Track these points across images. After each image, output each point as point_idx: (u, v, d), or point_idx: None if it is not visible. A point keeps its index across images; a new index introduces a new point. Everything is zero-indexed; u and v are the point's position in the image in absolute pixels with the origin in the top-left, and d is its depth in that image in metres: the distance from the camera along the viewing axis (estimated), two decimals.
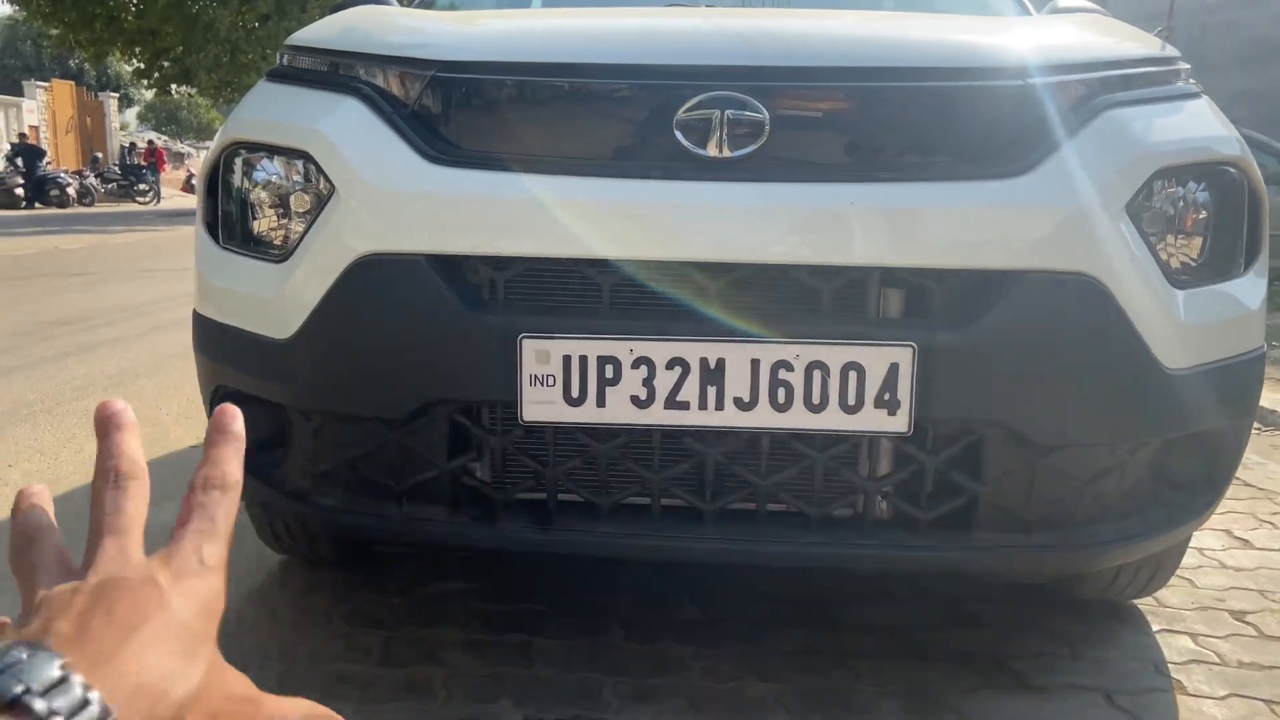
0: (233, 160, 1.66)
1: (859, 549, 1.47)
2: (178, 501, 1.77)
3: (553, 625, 1.91)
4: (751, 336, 1.38)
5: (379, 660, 1.78)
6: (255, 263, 1.61)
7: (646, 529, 1.50)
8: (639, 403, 1.41)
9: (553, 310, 1.46)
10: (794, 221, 1.40)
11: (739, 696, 1.67)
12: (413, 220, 1.46)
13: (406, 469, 1.54)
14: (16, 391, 3.92)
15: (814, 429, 1.39)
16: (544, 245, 1.43)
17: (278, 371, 1.56)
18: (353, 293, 1.48)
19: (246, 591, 2.07)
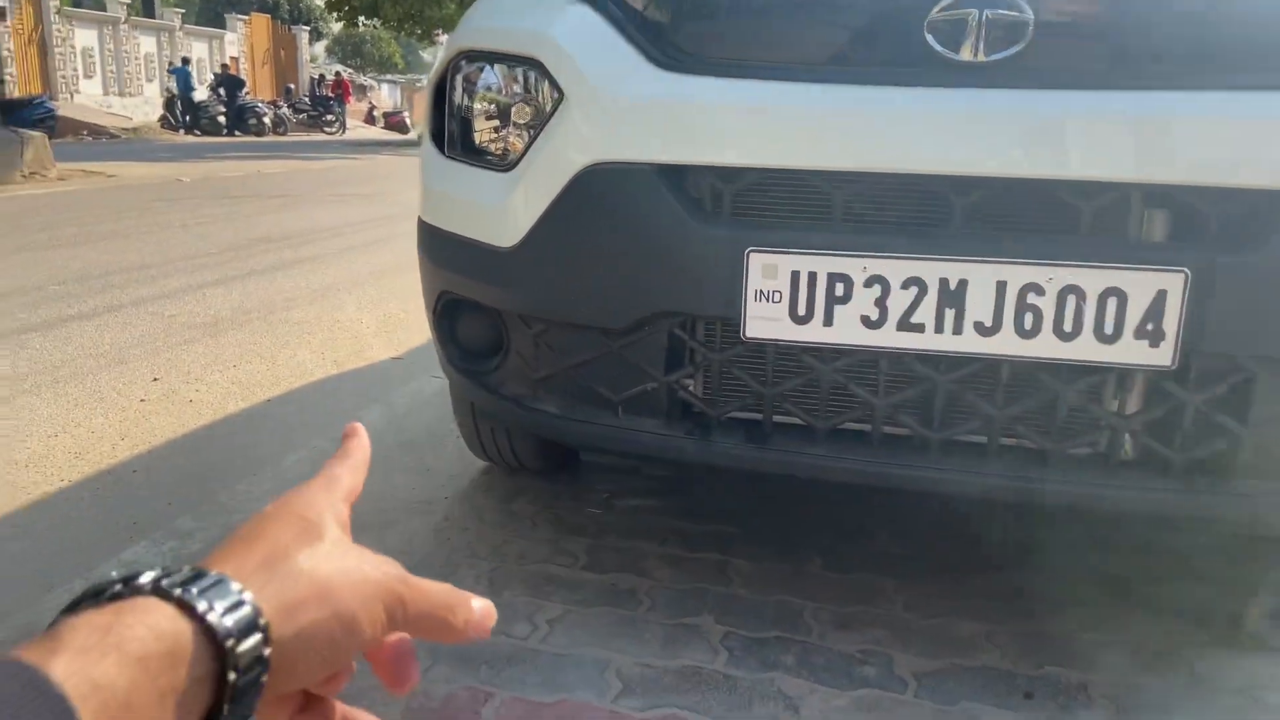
0: (460, 69, 1.69)
1: (1102, 489, 1.37)
2: (381, 406, 1.87)
3: (747, 548, 1.91)
4: (999, 257, 1.30)
5: (584, 565, 1.82)
6: (481, 172, 1.64)
7: (865, 455, 1.46)
8: (869, 323, 1.36)
9: (782, 224, 1.42)
10: (1053, 133, 1.29)
11: (947, 632, 1.62)
12: (642, 129, 1.44)
13: (624, 380, 1.54)
14: (234, 300, 4.21)
15: (1063, 359, 1.30)
16: (778, 156, 1.38)
17: (501, 279, 1.59)
18: (578, 202, 1.48)
19: (453, 494, 2.16)
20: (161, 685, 0.31)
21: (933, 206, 1.35)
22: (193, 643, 0.32)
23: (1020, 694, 1.46)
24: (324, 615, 0.36)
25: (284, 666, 0.35)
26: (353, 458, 0.46)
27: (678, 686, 1.45)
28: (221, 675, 0.33)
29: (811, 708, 1.41)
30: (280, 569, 0.36)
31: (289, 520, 0.39)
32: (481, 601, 0.42)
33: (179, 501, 2.10)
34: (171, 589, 0.33)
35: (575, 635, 1.58)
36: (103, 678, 0.29)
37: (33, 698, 0.27)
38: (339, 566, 0.38)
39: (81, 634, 0.30)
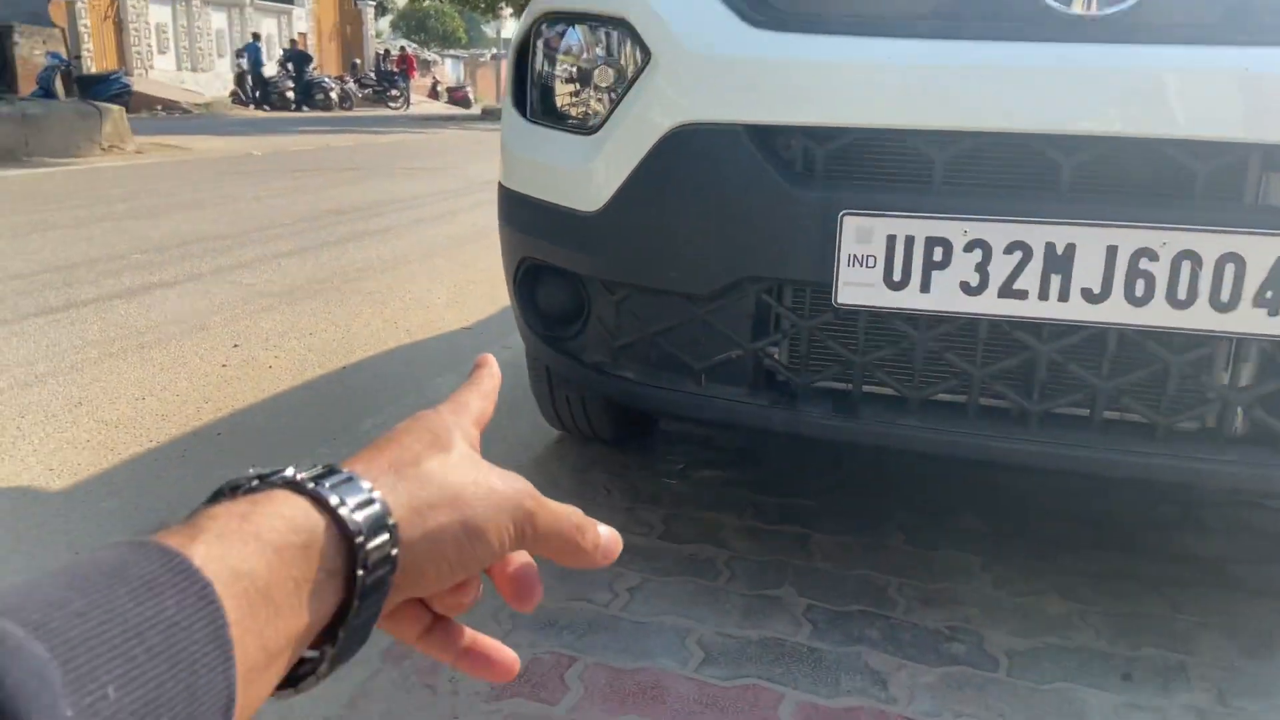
0: (543, 32, 1.66)
1: (1210, 465, 1.31)
2: (451, 375, 1.89)
3: (827, 522, 1.88)
4: (1110, 220, 1.24)
5: (661, 535, 1.81)
6: (565, 135, 1.62)
7: (961, 427, 1.41)
8: (969, 289, 1.31)
9: (878, 186, 1.37)
10: (1169, 90, 1.23)
11: (1038, 611, 1.58)
12: (733, 88, 1.40)
13: (708, 347, 1.52)
14: (308, 270, 4.28)
15: (1176, 327, 1.24)
16: (876, 115, 1.33)
17: (585, 244, 1.57)
18: (666, 164, 1.45)
19: (528, 461, 2.17)
20: (296, 575, 0.31)
21: (1039, 167, 1.30)
22: (324, 536, 0.32)
23: (1118, 675, 1.41)
24: (452, 521, 0.36)
25: (411, 569, 0.35)
26: (483, 385, 0.45)
27: (760, 657, 1.43)
28: (351, 572, 0.33)
29: (899, 683, 1.38)
30: (409, 473, 0.36)
31: (419, 432, 0.39)
32: (609, 529, 0.42)
33: (262, 463, 2.13)
34: (305, 483, 0.33)
35: (655, 604, 1.57)
36: (241, 564, 0.29)
37: (175, 580, 0.27)
38: (469, 477, 0.38)
39: (220, 521, 0.30)
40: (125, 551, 0.28)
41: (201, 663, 0.26)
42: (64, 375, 2.74)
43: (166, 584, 0.27)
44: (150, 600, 0.26)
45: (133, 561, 0.27)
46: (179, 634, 0.26)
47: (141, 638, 0.25)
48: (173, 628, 0.26)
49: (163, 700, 0.25)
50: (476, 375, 0.46)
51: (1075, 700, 1.35)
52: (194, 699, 0.26)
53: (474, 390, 0.45)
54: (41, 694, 0.22)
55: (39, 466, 2.12)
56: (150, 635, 0.25)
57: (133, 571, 0.27)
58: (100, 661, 0.24)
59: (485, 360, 0.47)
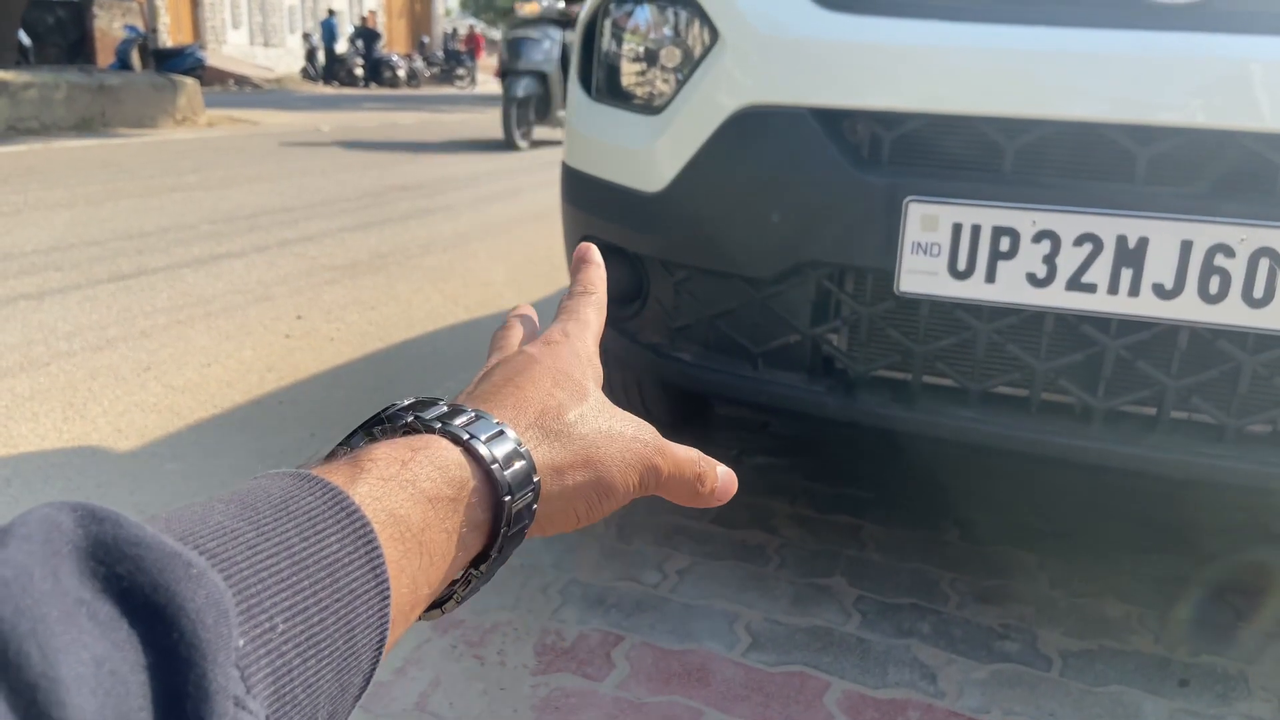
0: (610, 11, 1.66)
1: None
2: None
3: (880, 513, 1.86)
4: (1185, 214, 1.20)
5: (712, 519, 1.81)
6: (629, 115, 1.62)
7: (1022, 422, 1.39)
8: (1036, 281, 1.28)
9: (945, 173, 1.34)
10: (1254, 81, 1.18)
11: (1094, 613, 1.54)
12: (800, 70, 1.38)
13: (766, 331, 1.51)
14: (371, 245, 4.34)
15: (1251, 327, 1.20)
16: (946, 100, 1.31)
17: (647, 224, 1.56)
18: (731, 146, 1.44)
19: None
20: (447, 526, 0.32)
21: (1114, 158, 1.26)
22: (476, 491, 0.33)
23: (1175, 681, 1.38)
24: (587, 479, 0.37)
25: (542, 521, 0.36)
26: (596, 293, 0.46)
27: (808, 645, 1.43)
28: (496, 526, 0.34)
29: (949, 678, 1.36)
30: (553, 429, 0.37)
31: (557, 375, 0.39)
32: (726, 470, 0.43)
33: (322, 433, 2.18)
34: (460, 433, 0.34)
35: (704, 587, 1.57)
36: (399, 509, 0.30)
37: (339, 517, 0.28)
38: (604, 431, 0.38)
39: (381, 465, 0.31)
40: (291, 484, 0.28)
41: (361, 600, 0.27)
42: (134, 340, 2.82)
43: (330, 521, 0.28)
44: (315, 536, 0.27)
45: (299, 495, 0.28)
46: (341, 571, 0.27)
47: (307, 572, 0.26)
48: (335, 564, 0.27)
49: (324, 634, 0.26)
50: (583, 278, 0.46)
51: (1129, 704, 1.32)
52: (351, 634, 0.27)
53: (589, 302, 0.45)
54: (220, 624, 0.23)
55: (108, 428, 2.19)
56: (315, 570, 0.26)
57: (300, 505, 0.27)
58: (270, 594, 0.25)
59: (588, 254, 0.47)
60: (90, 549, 0.22)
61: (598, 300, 0.45)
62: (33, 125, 8.72)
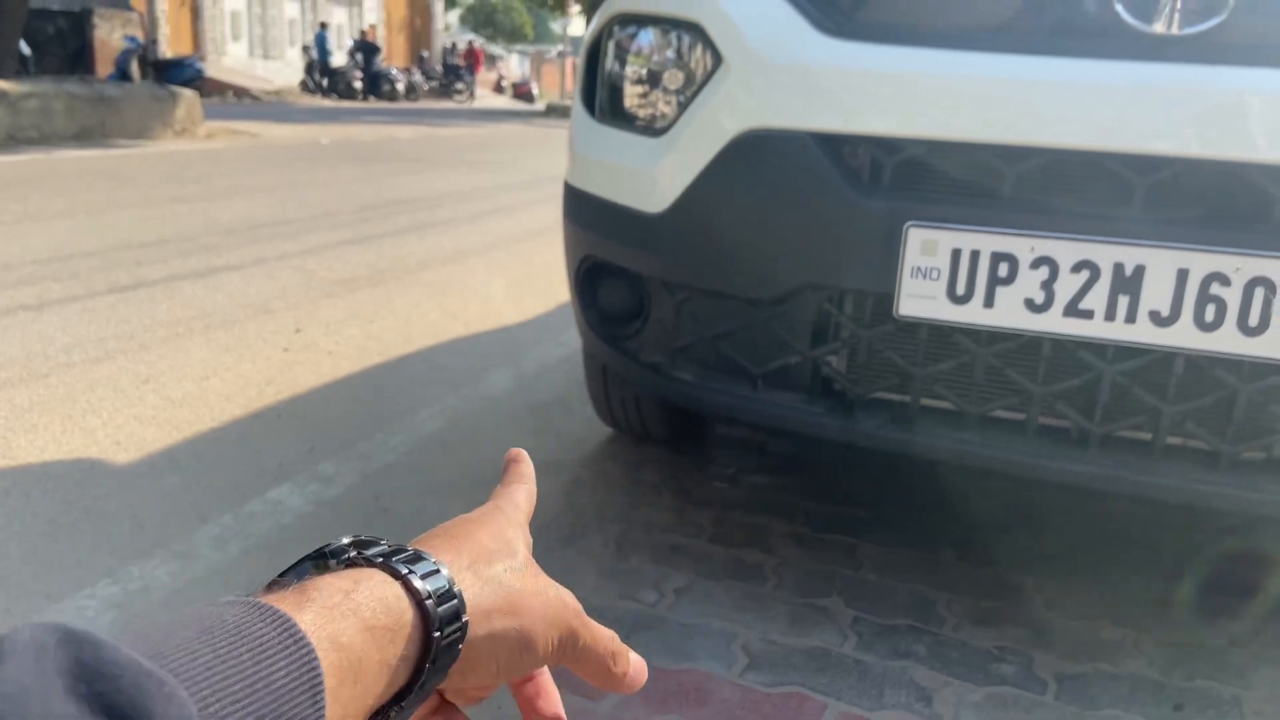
0: (615, 33, 1.68)
1: (1276, 496, 1.29)
2: (507, 369, 1.89)
3: (877, 532, 1.87)
4: (1182, 243, 1.22)
5: (710, 538, 1.81)
6: (632, 136, 1.63)
7: (1019, 446, 1.40)
8: (1034, 307, 1.30)
9: (944, 199, 1.36)
10: (1251, 113, 1.20)
11: (1089, 636, 1.55)
12: (802, 95, 1.40)
13: (766, 352, 1.52)
14: (369, 259, 4.35)
15: (1246, 355, 1.22)
16: (946, 128, 1.33)
17: (648, 244, 1.58)
18: (733, 168, 1.46)
19: (580, 458, 2.18)
20: (380, 656, 0.34)
21: (1111, 186, 1.28)
22: (411, 624, 0.35)
23: (1170, 705, 1.39)
24: (510, 628, 0.38)
25: (465, 665, 0.37)
26: (527, 484, 0.48)
27: (805, 665, 1.43)
28: (423, 660, 0.35)
29: (945, 700, 1.37)
30: (484, 574, 0.39)
31: (492, 532, 0.41)
32: (638, 658, 0.44)
33: (320, 447, 2.18)
34: (399, 568, 0.36)
35: (701, 606, 1.58)
36: (342, 636, 0.32)
37: (286, 644, 0.30)
38: (531, 587, 0.40)
39: (325, 593, 0.33)
40: (244, 612, 0.31)
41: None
42: (133, 352, 2.83)
43: (278, 648, 0.30)
44: (265, 661, 0.29)
45: (250, 623, 0.30)
46: (285, 695, 0.29)
47: (256, 694, 0.28)
48: (281, 690, 0.29)
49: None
50: (517, 471, 0.49)
51: None
52: None
53: (521, 489, 0.47)
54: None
55: (107, 440, 2.19)
56: (263, 693, 0.29)
57: (251, 631, 0.30)
58: (227, 712, 0.27)
59: (519, 456, 0.50)
60: (73, 669, 0.25)
61: (529, 490, 0.47)
62: (32, 135, 8.73)
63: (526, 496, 0.47)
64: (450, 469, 2.10)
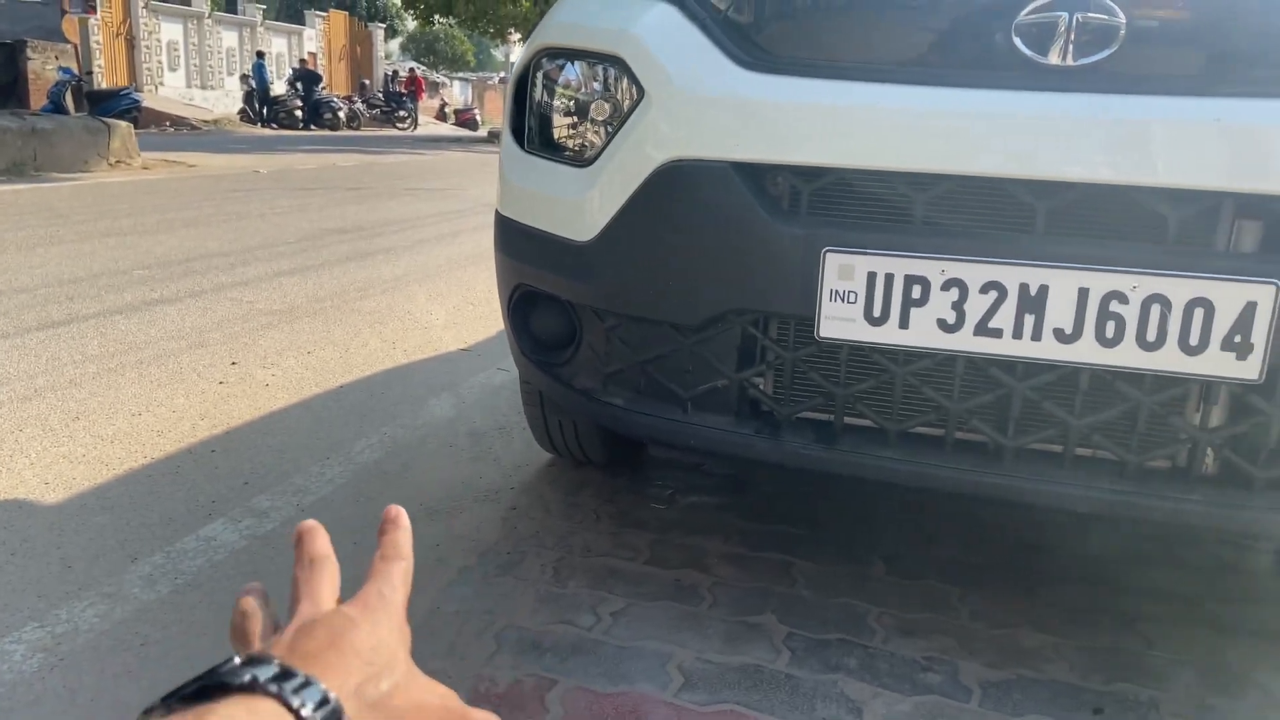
0: (542, 65, 1.71)
1: (1179, 503, 1.34)
2: (447, 396, 1.91)
3: (812, 549, 1.90)
4: (1081, 263, 1.28)
5: (647, 560, 1.83)
6: (560, 167, 1.66)
7: (937, 460, 1.45)
8: (946, 327, 1.35)
9: (860, 225, 1.41)
10: (1142, 139, 1.27)
11: (1014, 643, 1.60)
12: (723, 127, 1.45)
13: (694, 376, 1.55)
14: (309, 289, 4.32)
15: (1145, 369, 1.28)
16: (859, 156, 1.38)
17: (578, 273, 1.61)
18: (657, 198, 1.49)
19: (519, 484, 2.19)
20: None
21: (1015, 211, 1.34)
22: None
23: (1089, 709, 1.44)
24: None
25: None
26: (404, 560, 0.48)
27: (739, 683, 1.46)
28: None
29: (874, 712, 1.40)
30: (370, 697, 0.40)
31: (374, 642, 0.43)
32: None
33: (255, 481, 2.17)
34: (291, 700, 0.37)
35: (638, 628, 1.60)
36: None
37: None
38: (415, 702, 0.42)
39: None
40: None
41: None
42: (63, 390, 2.78)
43: None
44: None
45: None
46: None
47: None
48: None
49: None
50: (391, 542, 0.49)
51: None
52: None
53: (398, 567, 0.48)
54: None
55: (35, 480, 2.15)
56: None
57: None
58: None
59: (396, 520, 0.50)
60: None
61: (406, 567, 0.48)
62: None
63: (403, 576, 0.47)
64: (389, 499, 2.09)
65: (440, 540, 1.90)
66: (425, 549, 1.86)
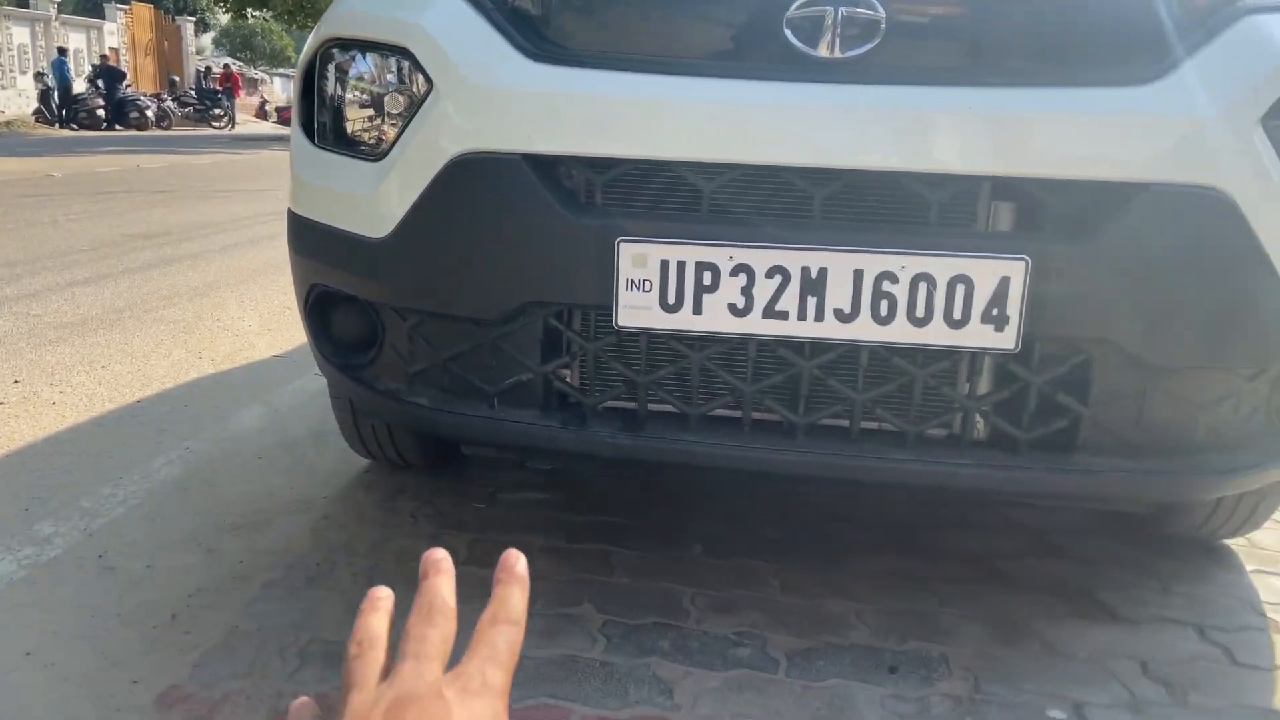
0: (329, 58, 1.65)
1: (954, 468, 1.44)
2: (258, 406, 1.83)
3: (632, 538, 1.93)
4: (855, 246, 1.34)
5: (464, 560, 1.81)
6: (351, 162, 1.61)
7: (736, 441, 1.49)
8: (736, 311, 1.39)
9: (652, 214, 1.43)
10: (906, 127, 1.35)
11: (819, 612, 1.67)
12: (512, 119, 1.44)
13: (499, 371, 1.54)
14: (105, 299, 4.04)
15: (916, 343, 1.36)
16: (645, 147, 1.40)
17: (373, 270, 1.56)
18: (450, 192, 1.47)
19: (333, 493, 2.12)
20: None
21: (795, 198, 1.39)
22: None
23: (885, 669, 1.52)
24: None
25: None
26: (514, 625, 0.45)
27: (553, 675, 1.46)
28: None
29: (685, 690, 1.43)
30: None
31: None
32: None
33: (37, 507, 2.00)
34: None
35: None
36: None
37: None
38: None
39: None
40: None
41: None
42: None
43: None
44: None
45: None
46: None
47: None
48: None
49: None
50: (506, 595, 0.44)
51: (846, 695, 1.44)
52: None
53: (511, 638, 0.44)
54: None
55: None
56: None
57: None
58: None
59: (511, 567, 0.45)
60: None
61: (515, 637, 0.44)
62: None
63: (511, 649, 0.43)
64: (189, 517, 1.98)
65: (244, 556, 1.81)
66: (227, 565, 1.77)
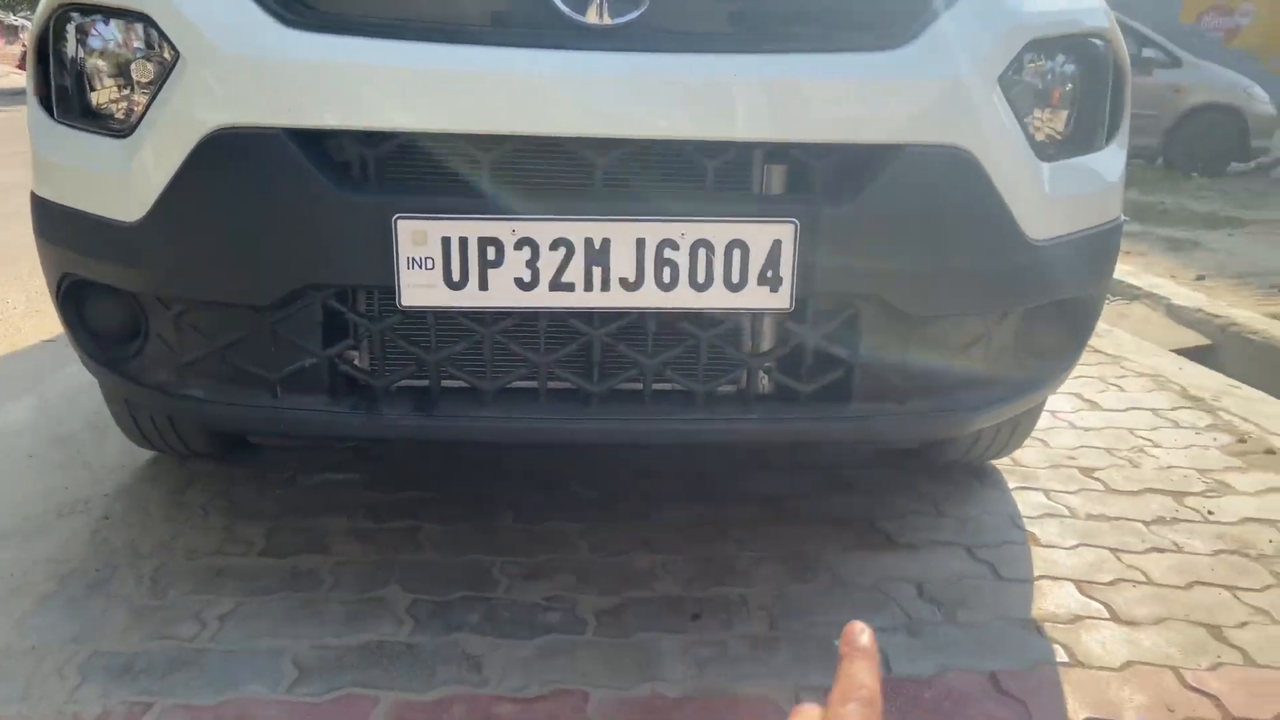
0: (64, 23, 1.50)
1: (741, 423, 1.50)
2: (26, 398, 1.68)
3: (441, 511, 1.91)
4: (636, 215, 1.35)
5: (261, 551, 1.74)
6: (96, 139, 1.48)
7: (533, 412, 1.49)
8: (523, 285, 1.38)
9: (429, 189, 1.39)
10: (676, 94, 1.36)
11: (627, 568, 1.72)
12: (270, 90, 1.35)
13: (280, 357, 1.47)
14: None
15: (699, 308, 1.39)
16: (412, 119, 1.35)
17: (128, 257, 1.45)
18: (206, 170, 1.38)
19: (115, 489, 1.98)
20: None
21: (574, 168, 1.39)
22: None
23: (689, 616, 1.58)
24: None
25: None
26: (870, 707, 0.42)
27: (358, 663, 1.43)
28: None
29: (494, 664, 1.45)
30: None
31: None
32: None
33: None
34: None
35: (250, 627, 1.51)
36: None
37: None
38: None
39: None
40: None
41: None
42: None
43: None
44: None
45: None
46: None
47: None
48: None
49: None
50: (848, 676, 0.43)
51: (652, 648, 1.49)
52: None
53: None
54: None
55: None
56: None
57: None
58: None
59: (854, 639, 0.44)
60: None
61: (872, 712, 0.42)
62: None
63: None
64: None
65: (14, 569, 1.67)
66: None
